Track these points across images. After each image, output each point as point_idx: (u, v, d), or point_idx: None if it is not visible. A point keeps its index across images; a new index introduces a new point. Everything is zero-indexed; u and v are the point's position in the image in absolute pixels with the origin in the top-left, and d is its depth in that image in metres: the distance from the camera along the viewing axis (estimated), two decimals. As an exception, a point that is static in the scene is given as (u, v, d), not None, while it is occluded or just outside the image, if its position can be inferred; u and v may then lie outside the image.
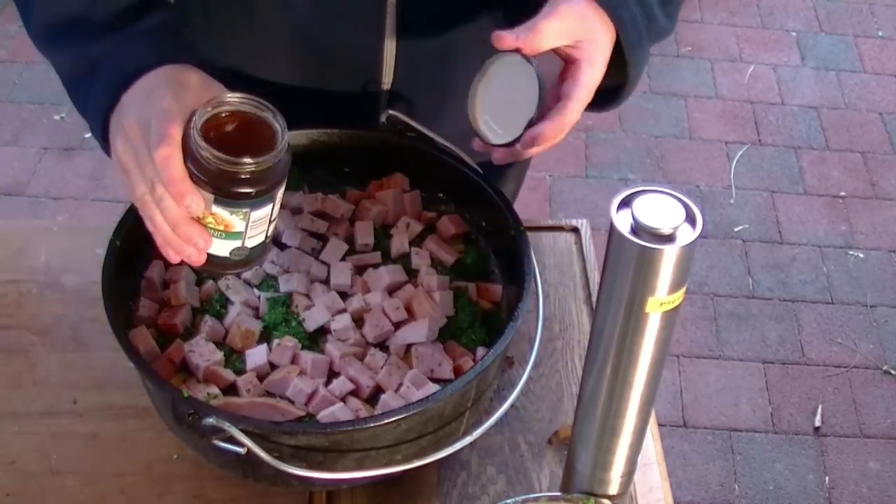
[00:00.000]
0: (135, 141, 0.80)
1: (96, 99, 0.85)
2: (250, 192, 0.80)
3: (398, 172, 1.10)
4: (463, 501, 0.97)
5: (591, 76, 0.84)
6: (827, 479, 2.14)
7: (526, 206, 2.67)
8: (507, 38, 0.82)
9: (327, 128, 1.08)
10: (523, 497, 0.91)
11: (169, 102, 0.80)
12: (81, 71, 0.87)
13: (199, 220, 0.81)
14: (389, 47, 1.02)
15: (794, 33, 3.36)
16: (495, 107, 0.85)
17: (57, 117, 2.81)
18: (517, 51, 0.82)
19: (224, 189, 0.80)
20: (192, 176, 0.78)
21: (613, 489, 0.90)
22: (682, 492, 2.10)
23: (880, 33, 3.38)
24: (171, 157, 0.77)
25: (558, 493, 0.91)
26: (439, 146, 1.06)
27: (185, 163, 0.78)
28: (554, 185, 2.75)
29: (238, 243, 0.84)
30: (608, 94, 0.90)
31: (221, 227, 0.82)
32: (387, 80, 1.06)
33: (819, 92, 3.13)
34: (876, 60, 3.26)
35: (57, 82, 0.92)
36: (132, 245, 0.98)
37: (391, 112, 1.05)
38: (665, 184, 2.27)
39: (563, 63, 0.86)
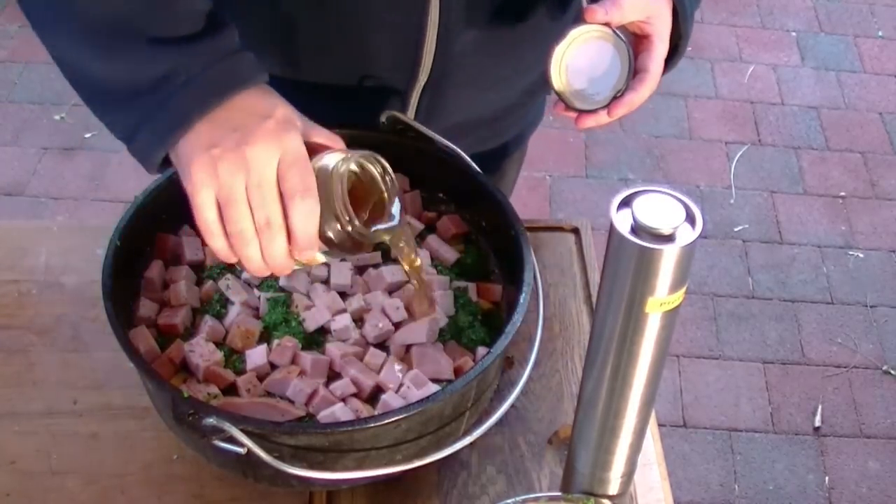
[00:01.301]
0: (257, 172, 0.76)
1: (173, 108, 0.78)
2: (355, 253, 0.83)
3: (398, 172, 1.10)
4: (463, 501, 0.97)
5: (662, 50, 0.93)
6: (827, 479, 2.14)
7: (526, 206, 2.67)
8: (598, 13, 0.87)
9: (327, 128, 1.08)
10: (523, 497, 0.91)
11: (297, 143, 0.78)
12: (147, 77, 0.79)
13: None
14: (430, 44, 1.02)
15: (794, 33, 3.36)
16: (581, 74, 0.92)
17: (57, 117, 2.81)
18: (606, 25, 0.89)
19: (339, 250, 0.82)
20: None
21: (613, 489, 0.90)
22: (682, 492, 2.10)
23: (880, 33, 3.38)
24: (313, 213, 0.77)
25: (558, 493, 0.91)
26: (439, 146, 1.06)
27: None
28: (554, 185, 2.75)
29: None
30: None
31: (304, 262, 0.83)
32: (423, 77, 1.06)
33: (819, 92, 3.13)
34: (876, 60, 3.26)
35: (56, 82, 0.89)
36: (132, 245, 0.98)
37: (391, 112, 1.05)
38: (665, 184, 2.27)
39: (633, 37, 0.93)
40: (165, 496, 0.97)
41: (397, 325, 0.97)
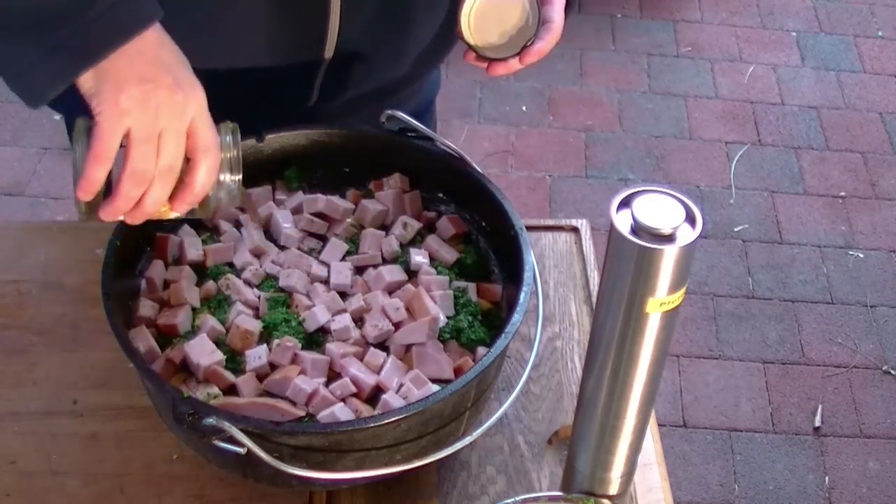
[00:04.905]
0: (179, 118, 0.79)
1: (93, 35, 0.77)
2: (208, 214, 0.90)
3: (398, 172, 1.10)
4: (463, 501, 0.97)
5: (562, 0, 1.00)
6: (827, 479, 2.14)
7: (526, 206, 2.67)
8: None
9: (327, 128, 1.09)
10: (523, 497, 0.91)
11: (202, 94, 0.82)
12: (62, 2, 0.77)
13: None
14: (333, 23, 1.04)
15: (794, 33, 3.36)
16: (491, 25, 0.98)
17: (57, 117, 2.80)
18: None
19: (202, 207, 0.87)
20: None
21: (613, 489, 0.90)
22: (682, 492, 2.10)
23: (880, 33, 3.38)
24: (215, 169, 0.84)
25: (558, 493, 0.91)
26: (439, 146, 1.06)
27: None
28: (554, 185, 2.75)
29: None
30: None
31: (158, 215, 0.86)
32: (328, 55, 1.07)
33: (819, 92, 3.13)
34: (876, 60, 3.26)
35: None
36: (132, 245, 0.98)
37: (391, 112, 1.06)
38: (665, 184, 2.27)
39: None
40: (165, 496, 0.97)
41: (397, 325, 0.97)
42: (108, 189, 0.81)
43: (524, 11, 0.97)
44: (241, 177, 0.89)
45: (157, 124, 0.79)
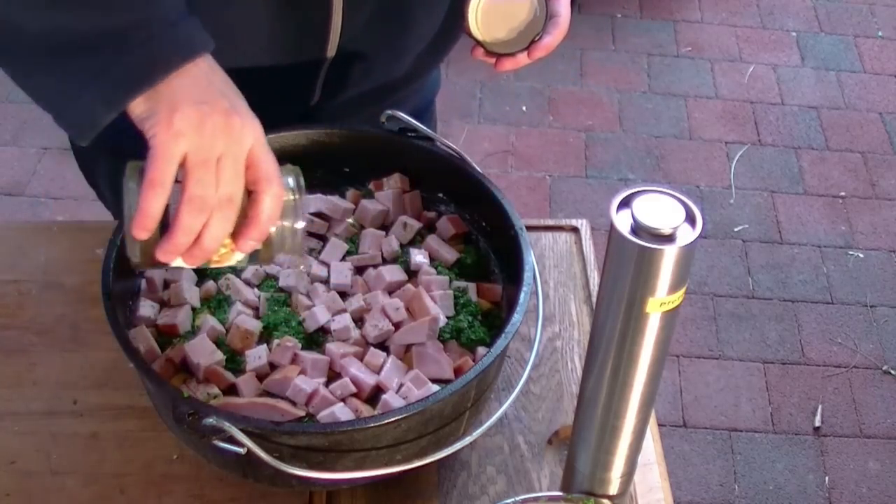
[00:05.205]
0: (238, 145, 0.75)
1: (140, 62, 0.75)
2: (268, 259, 0.85)
3: (398, 172, 1.10)
4: (463, 501, 0.97)
5: None
6: (827, 479, 2.14)
7: (526, 206, 2.67)
8: None
9: (327, 128, 1.09)
10: (523, 497, 0.91)
11: (259, 126, 0.78)
12: (107, 28, 0.75)
13: None
14: (336, 21, 1.03)
15: (794, 33, 3.36)
16: (499, 20, 0.99)
17: (57, 117, 2.80)
18: None
19: (266, 251, 0.82)
20: None
21: (613, 489, 0.90)
22: (682, 492, 2.10)
23: (880, 33, 3.38)
24: (280, 200, 0.79)
25: (558, 493, 0.91)
26: (439, 146, 1.06)
27: None
28: (554, 185, 2.75)
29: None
30: None
31: (217, 259, 0.82)
32: (331, 54, 1.07)
33: (819, 92, 3.13)
34: (876, 60, 3.26)
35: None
36: (132, 245, 0.98)
37: (391, 112, 1.06)
38: (665, 184, 2.27)
39: None
40: (165, 496, 0.97)
41: (397, 325, 0.97)
42: (164, 230, 0.76)
43: (532, 6, 0.98)
44: (304, 224, 0.83)
45: (214, 148, 0.74)
